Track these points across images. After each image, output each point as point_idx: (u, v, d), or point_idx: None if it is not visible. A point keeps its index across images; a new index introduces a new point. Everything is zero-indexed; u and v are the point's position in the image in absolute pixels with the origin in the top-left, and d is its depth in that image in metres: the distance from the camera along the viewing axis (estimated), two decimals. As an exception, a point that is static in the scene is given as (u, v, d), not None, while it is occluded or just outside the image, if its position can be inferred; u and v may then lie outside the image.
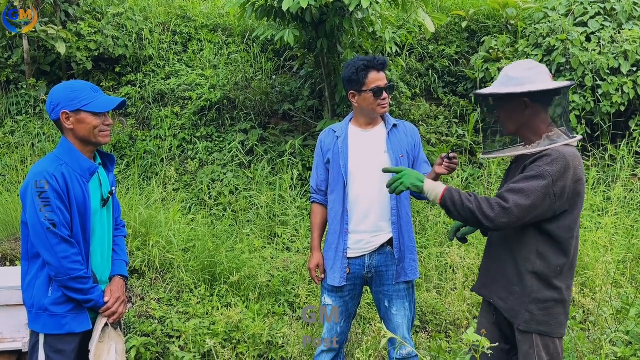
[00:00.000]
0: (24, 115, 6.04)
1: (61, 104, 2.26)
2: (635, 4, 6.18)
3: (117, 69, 6.49)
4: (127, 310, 3.74)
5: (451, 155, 2.57)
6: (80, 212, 2.27)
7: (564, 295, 2.17)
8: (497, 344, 1.97)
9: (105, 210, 2.43)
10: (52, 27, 5.81)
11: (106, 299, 2.34)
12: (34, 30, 5.75)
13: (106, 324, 2.35)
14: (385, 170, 2.41)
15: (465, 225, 2.49)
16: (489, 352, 1.70)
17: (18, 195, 3.08)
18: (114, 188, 2.49)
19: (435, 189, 2.22)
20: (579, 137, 2.24)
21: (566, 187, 2.07)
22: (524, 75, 2.18)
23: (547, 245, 2.14)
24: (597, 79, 5.72)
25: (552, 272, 2.14)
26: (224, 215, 5.13)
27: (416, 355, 2.79)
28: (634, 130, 5.81)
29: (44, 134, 5.79)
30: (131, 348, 3.42)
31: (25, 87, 6.14)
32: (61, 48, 5.81)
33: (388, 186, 2.29)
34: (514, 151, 2.28)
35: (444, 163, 2.58)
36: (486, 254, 2.41)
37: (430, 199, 2.22)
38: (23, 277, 2.32)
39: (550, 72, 2.37)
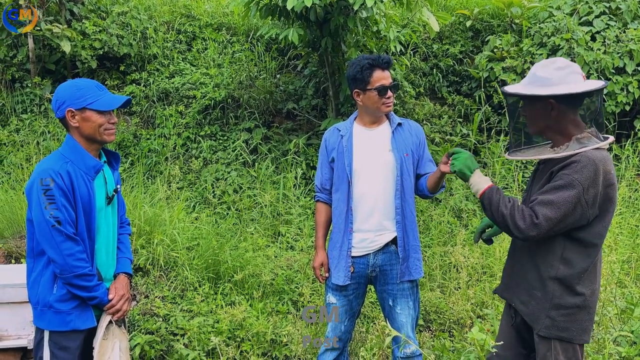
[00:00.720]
0: (29, 113, 6.07)
1: (67, 102, 2.27)
2: (640, 3, 6.16)
3: (122, 68, 6.50)
4: (131, 308, 3.76)
5: None
6: (85, 210, 2.29)
7: (588, 302, 2.11)
8: (501, 342, 1.96)
9: (110, 208, 2.44)
10: (57, 26, 5.83)
11: (110, 296, 2.36)
12: (39, 29, 5.77)
13: (110, 322, 2.36)
14: (450, 152, 2.45)
15: (491, 226, 2.47)
16: (494, 350, 1.70)
17: (23, 193, 3.10)
18: (119, 186, 2.51)
19: (479, 184, 2.22)
20: (611, 138, 2.15)
21: (598, 193, 2.01)
22: (552, 76, 2.08)
23: (573, 251, 2.09)
24: (602, 79, 5.70)
25: (575, 278, 2.09)
26: (228, 213, 5.14)
27: (420, 354, 2.79)
28: (638, 130, 5.79)
29: (49, 132, 5.81)
30: (135, 346, 3.43)
31: (30, 85, 6.16)
32: (66, 47, 5.83)
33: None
34: (541, 155, 2.18)
35: (449, 162, 2.58)
36: (510, 256, 2.37)
37: (472, 191, 2.24)
38: (28, 274, 2.33)
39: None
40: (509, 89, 2.20)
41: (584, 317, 2.12)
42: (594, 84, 2.10)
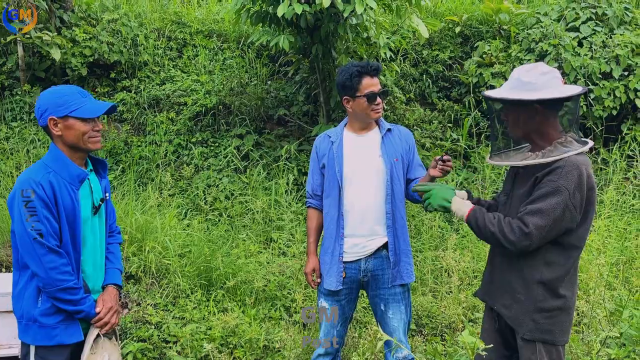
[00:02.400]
0: (19, 121, 6.04)
1: (49, 109, 2.19)
2: (626, 8, 6.25)
3: (112, 75, 6.49)
4: (123, 316, 3.75)
5: (445, 157, 2.58)
6: (69, 221, 2.21)
7: (568, 303, 2.14)
8: (491, 345, 1.98)
9: (97, 218, 2.37)
10: (46, 33, 5.82)
11: (98, 309, 2.28)
12: (28, 36, 5.76)
13: (98, 335, 2.29)
14: (414, 190, 2.44)
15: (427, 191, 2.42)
16: (484, 353, 1.72)
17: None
18: (107, 194, 2.43)
19: (460, 210, 2.24)
20: (591, 143, 2.16)
21: (583, 197, 2.03)
22: (537, 80, 2.09)
23: (556, 254, 2.11)
24: (589, 84, 5.78)
25: (558, 281, 2.12)
26: (219, 220, 5.14)
27: (412, 359, 2.81)
28: (625, 134, 5.87)
29: (38, 140, 5.78)
30: (128, 354, 3.42)
31: (19, 93, 6.14)
32: (56, 54, 5.82)
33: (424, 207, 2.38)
34: (524, 161, 2.16)
35: (438, 165, 2.60)
36: (489, 261, 2.39)
37: (457, 217, 2.25)
38: (14, 287, 2.27)
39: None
40: (493, 93, 2.20)
41: (565, 319, 2.14)
42: (575, 89, 2.13)
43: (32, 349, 2.22)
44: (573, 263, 2.13)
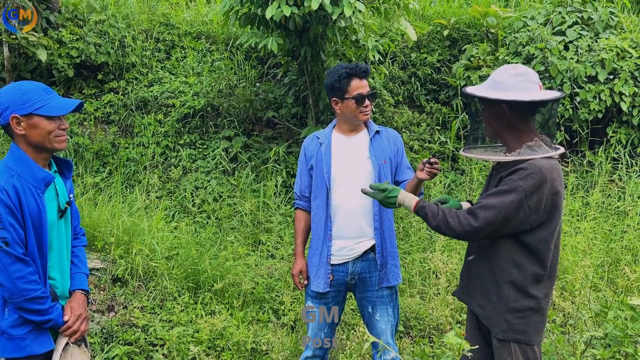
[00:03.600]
0: (4, 122, 5.97)
1: (10, 107, 2.06)
2: (611, 13, 6.33)
3: (100, 76, 6.45)
4: (107, 322, 3.71)
5: (432, 160, 2.59)
6: (35, 227, 2.10)
7: (541, 304, 2.17)
8: (477, 346, 1.99)
9: (62, 222, 2.26)
10: (33, 34, 5.76)
11: (66, 317, 2.19)
12: (14, 37, 5.70)
13: (67, 343, 2.22)
14: (363, 191, 2.51)
15: (445, 202, 2.50)
16: (469, 354, 1.73)
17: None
18: (71, 195, 2.32)
19: (407, 202, 2.34)
20: (562, 150, 2.20)
21: (542, 200, 2.06)
22: (508, 82, 2.12)
23: (523, 255, 2.14)
24: (575, 87, 5.84)
25: (528, 281, 2.14)
26: (207, 222, 5.12)
27: (400, 360, 2.82)
28: (611, 137, 5.94)
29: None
30: (114, 357, 3.39)
31: (5, 94, 6.06)
32: (42, 55, 5.76)
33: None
34: (493, 157, 2.26)
35: (425, 168, 2.61)
36: (466, 261, 2.42)
37: (407, 209, 2.34)
38: None
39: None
40: (468, 89, 2.25)
41: (537, 319, 2.17)
42: (548, 94, 2.15)
43: None
44: (542, 264, 2.15)
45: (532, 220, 2.09)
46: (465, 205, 2.53)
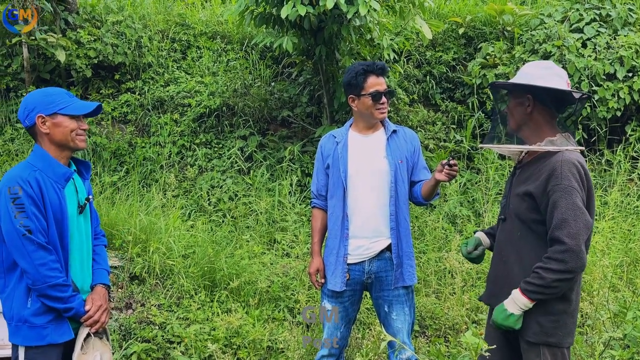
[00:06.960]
0: (24, 122, 6.06)
1: (37, 107, 2.24)
2: (630, 10, 6.24)
3: (117, 77, 6.52)
4: (125, 319, 3.76)
5: (451, 162, 2.56)
6: (56, 218, 2.22)
7: (574, 306, 2.14)
8: (494, 346, 1.98)
9: (82, 218, 2.38)
10: (51, 35, 5.84)
11: (87, 307, 2.28)
12: (33, 38, 5.78)
13: (89, 334, 2.27)
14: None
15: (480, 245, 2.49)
16: (487, 354, 1.72)
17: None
18: (90, 196, 2.44)
19: (519, 301, 2.11)
20: (582, 148, 2.18)
21: (589, 189, 2.07)
22: (536, 73, 2.13)
23: None
24: (593, 85, 5.77)
25: None
26: (223, 221, 5.15)
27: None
28: (630, 135, 5.85)
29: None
30: (132, 354, 3.44)
31: (25, 94, 6.16)
32: (61, 56, 5.84)
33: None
34: (515, 147, 2.21)
35: (444, 170, 2.59)
36: (494, 264, 2.38)
37: (525, 309, 2.12)
38: (1, 290, 2.26)
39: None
40: (498, 82, 2.29)
41: (569, 321, 2.14)
42: (573, 90, 2.15)
43: (22, 351, 2.20)
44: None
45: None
46: (480, 235, 2.51)
